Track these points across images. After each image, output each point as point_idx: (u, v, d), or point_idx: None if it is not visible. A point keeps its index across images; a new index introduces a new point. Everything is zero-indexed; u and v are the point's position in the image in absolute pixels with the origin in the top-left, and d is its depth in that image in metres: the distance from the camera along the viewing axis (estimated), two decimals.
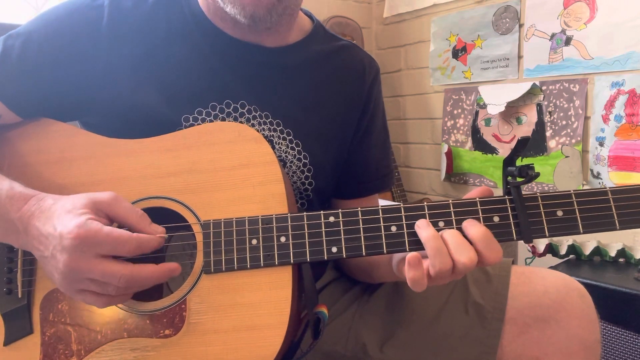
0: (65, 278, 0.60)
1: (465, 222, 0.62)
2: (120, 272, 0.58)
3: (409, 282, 0.60)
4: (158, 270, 0.61)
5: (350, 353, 0.81)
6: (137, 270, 0.59)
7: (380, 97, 0.92)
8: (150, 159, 0.70)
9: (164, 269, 0.61)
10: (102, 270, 0.58)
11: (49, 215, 0.62)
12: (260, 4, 0.71)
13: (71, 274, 0.59)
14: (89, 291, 0.60)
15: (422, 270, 0.59)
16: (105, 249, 0.58)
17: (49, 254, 0.60)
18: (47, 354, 0.67)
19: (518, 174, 0.61)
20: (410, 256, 0.59)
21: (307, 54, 0.84)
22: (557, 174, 1.98)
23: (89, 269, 0.58)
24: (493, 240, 0.60)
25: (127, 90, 0.74)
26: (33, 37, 0.74)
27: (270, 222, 0.66)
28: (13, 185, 0.65)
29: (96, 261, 0.58)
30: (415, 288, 0.60)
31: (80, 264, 0.58)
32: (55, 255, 0.59)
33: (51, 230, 0.60)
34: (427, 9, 2.47)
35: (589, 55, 1.88)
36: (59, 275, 0.60)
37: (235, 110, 0.78)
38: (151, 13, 0.77)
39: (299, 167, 0.81)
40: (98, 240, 0.58)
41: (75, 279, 0.59)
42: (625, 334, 1.35)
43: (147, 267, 0.60)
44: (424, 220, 0.62)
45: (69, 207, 0.61)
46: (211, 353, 0.64)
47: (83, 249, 0.58)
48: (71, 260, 0.58)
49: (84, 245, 0.58)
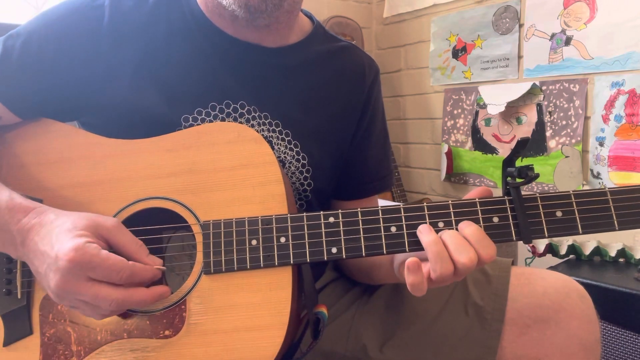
0: (57, 297, 0.60)
1: (460, 224, 0.62)
2: (111, 297, 0.59)
3: (409, 287, 0.60)
4: (149, 295, 0.61)
5: (350, 353, 0.81)
6: (128, 295, 0.60)
7: (380, 98, 0.92)
8: (150, 160, 0.70)
9: (155, 293, 0.62)
10: (93, 294, 0.58)
11: (48, 231, 0.61)
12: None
13: (62, 294, 0.59)
14: (82, 308, 0.61)
15: (421, 275, 0.59)
16: (99, 274, 0.58)
17: (42, 271, 0.60)
18: (47, 355, 0.67)
19: (517, 175, 0.61)
20: (409, 262, 0.59)
21: (307, 55, 0.84)
22: (557, 174, 1.98)
23: (80, 292, 0.58)
24: (485, 237, 0.60)
25: (127, 90, 0.74)
26: (33, 38, 0.74)
27: (270, 222, 0.66)
28: (13, 196, 0.65)
29: (88, 284, 0.58)
30: (415, 293, 0.60)
31: (71, 286, 0.58)
32: (48, 274, 0.59)
33: (48, 248, 0.60)
34: (427, 9, 2.47)
35: (589, 55, 1.88)
36: (52, 293, 0.60)
37: (234, 111, 0.78)
38: (151, 13, 0.77)
39: (297, 168, 0.81)
40: (93, 265, 0.58)
41: (67, 299, 0.60)
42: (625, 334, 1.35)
43: (138, 292, 0.61)
44: (425, 225, 0.62)
45: (70, 226, 0.61)
46: (211, 353, 0.64)
47: (77, 272, 0.58)
48: (63, 282, 0.58)
49: (78, 268, 0.57)
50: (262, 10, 0.72)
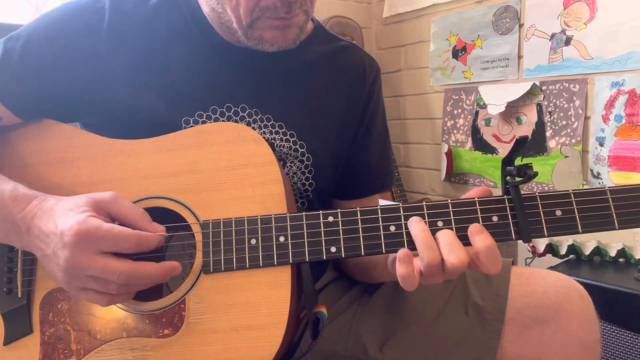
0: (67, 274, 0.60)
1: (472, 227, 0.61)
2: (120, 269, 0.58)
3: (400, 280, 0.60)
4: (159, 269, 0.61)
5: (350, 353, 0.81)
6: (138, 267, 0.59)
7: (381, 98, 0.92)
8: (150, 159, 0.70)
9: (164, 267, 0.61)
10: (102, 267, 0.58)
11: (50, 215, 0.62)
12: (287, 40, 0.72)
13: (72, 271, 0.59)
14: (90, 289, 0.60)
15: (412, 267, 0.59)
16: (106, 245, 0.59)
17: (50, 251, 0.61)
18: (47, 354, 0.67)
19: (517, 174, 0.61)
20: (400, 252, 0.59)
21: (307, 55, 0.84)
22: (557, 174, 1.98)
23: (89, 265, 0.58)
24: (496, 252, 0.60)
25: (127, 92, 0.74)
26: (34, 39, 0.74)
27: (269, 222, 0.66)
28: (17, 187, 0.66)
29: (96, 257, 0.58)
30: (405, 286, 0.60)
31: (81, 260, 0.58)
32: (56, 252, 0.60)
33: (52, 228, 0.60)
34: (427, 9, 2.47)
35: (589, 55, 1.88)
36: (61, 272, 0.60)
37: (235, 114, 0.78)
38: (152, 15, 0.77)
39: (299, 168, 0.81)
40: (98, 236, 0.58)
41: (77, 276, 0.60)
42: (625, 334, 1.35)
43: (148, 265, 0.60)
44: (416, 217, 0.62)
45: (70, 205, 0.61)
46: (210, 353, 0.64)
47: (84, 245, 0.58)
48: (72, 256, 0.58)
49: (85, 241, 0.58)
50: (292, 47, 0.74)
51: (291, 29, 0.71)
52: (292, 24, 0.71)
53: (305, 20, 0.73)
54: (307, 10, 0.72)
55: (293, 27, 0.71)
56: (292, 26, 0.71)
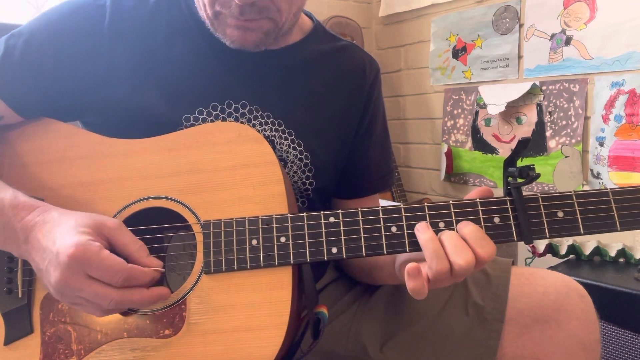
0: (58, 293, 0.60)
1: (459, 224, 0.62)
2: (111, 296, 0.59)
3: (410, 292, 0.60)
4: (148, 296, 0.62)
5: (351, 354, 0.81)
6: (127, 295, 0.60)
7: (381, 97, 0.92)
8: (151, 159, 0.70)
9: (153, 295, 0.62)
10: (93, 292, 0.59)
11: (50, 228, 0.62)
12: (247, 42, 0.72)
13: (63, 290, 0.60)
14: (83, 305, 0.61)
15: (422, 280, 0.59)
16: (96, 274, 0.59)
17: (43, 267, 0.61)
18: (47, 354, 0.67)
19: (519, 175, 0.61)
20: (409, 267, 0.59)
21: (307, 54, 0.84)
22: (557, 174, 1.98)
23: (80, 288, 0.59)
24: (484, 236, 0.60)
25: (128, 90, 0.74)
26: (35, 37, 0.74)
27: (270, 222, 0.65)
28: (17, 195, 0.65)
29: (88, 282, 0.59)
30: (416, 297, 0.60)
31: (71, 282, 0.58)
32: (48, 270, 0.60)
33: (50, 244, 0.60)
34: (426, 9, 2.47)
35: (589, 55, 1.88)
36: (52, 289, 0.61)
37: (236, 111, 0.78)
38: (152, 13, 0.77)
39: (299, 167, 0.81)
40: (91, 263, 0.58)
41: (68, 295, 0.60)
42: (625, 334, 1.35)
43: (137, 292, 0.61)
44: (423, 223, 0.62)
45: (73, 224, 0.61)
46: (211, 353, 0.64)
47: (75, 268, 0.58)
48: (62, 277, 0.58)
49: (77, 265, 0.58)
50: (258, 50, 0.74)
51: (252, 32, 0.71)
52: (253, 28, 0.71)
53: (272, 28, 0.72)
54: (275, 19, 0.71)
55: (255, 31, 0.71)
56: (254, 30, 0.71)
